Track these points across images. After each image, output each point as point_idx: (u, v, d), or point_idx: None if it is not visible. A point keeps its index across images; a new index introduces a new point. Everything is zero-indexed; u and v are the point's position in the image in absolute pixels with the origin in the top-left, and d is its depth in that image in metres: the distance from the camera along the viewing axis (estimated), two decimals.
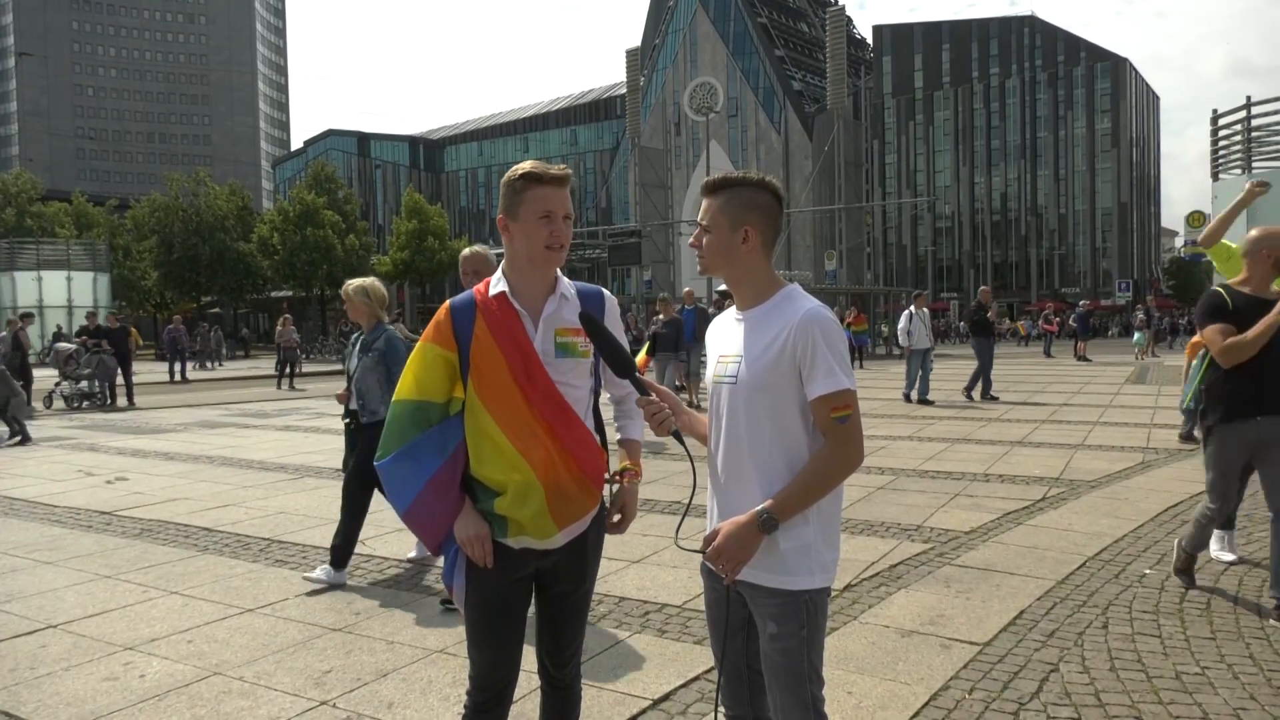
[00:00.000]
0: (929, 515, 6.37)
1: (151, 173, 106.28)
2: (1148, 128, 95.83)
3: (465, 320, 2.22)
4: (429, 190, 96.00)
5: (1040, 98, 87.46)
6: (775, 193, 2.08)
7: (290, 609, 4.59)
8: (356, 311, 5.26)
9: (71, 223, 52.23)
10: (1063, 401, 14.29)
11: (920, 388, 14.36)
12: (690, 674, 3.61)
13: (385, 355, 5.11)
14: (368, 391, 5.11)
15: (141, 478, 8.68)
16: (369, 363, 5.12)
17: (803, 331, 1.94)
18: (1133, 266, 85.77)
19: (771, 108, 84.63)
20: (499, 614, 2.24)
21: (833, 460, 1.95)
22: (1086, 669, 3.62)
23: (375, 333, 5.21)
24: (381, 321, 5.27)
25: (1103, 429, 10.83)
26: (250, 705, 3.43)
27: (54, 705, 3.45)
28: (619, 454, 2.43)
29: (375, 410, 5.05)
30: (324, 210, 49.94)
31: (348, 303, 5.28)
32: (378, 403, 5.04)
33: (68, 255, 37.41)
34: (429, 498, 2.18)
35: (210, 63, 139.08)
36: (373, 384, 5.09)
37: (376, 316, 5.25)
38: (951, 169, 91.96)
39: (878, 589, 4.70)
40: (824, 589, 2.02)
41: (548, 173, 2.20)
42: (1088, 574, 4.90)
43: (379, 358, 5.11)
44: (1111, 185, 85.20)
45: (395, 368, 4.94)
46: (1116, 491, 7.11)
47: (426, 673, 3.71)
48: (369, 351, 5.15)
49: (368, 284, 5.29)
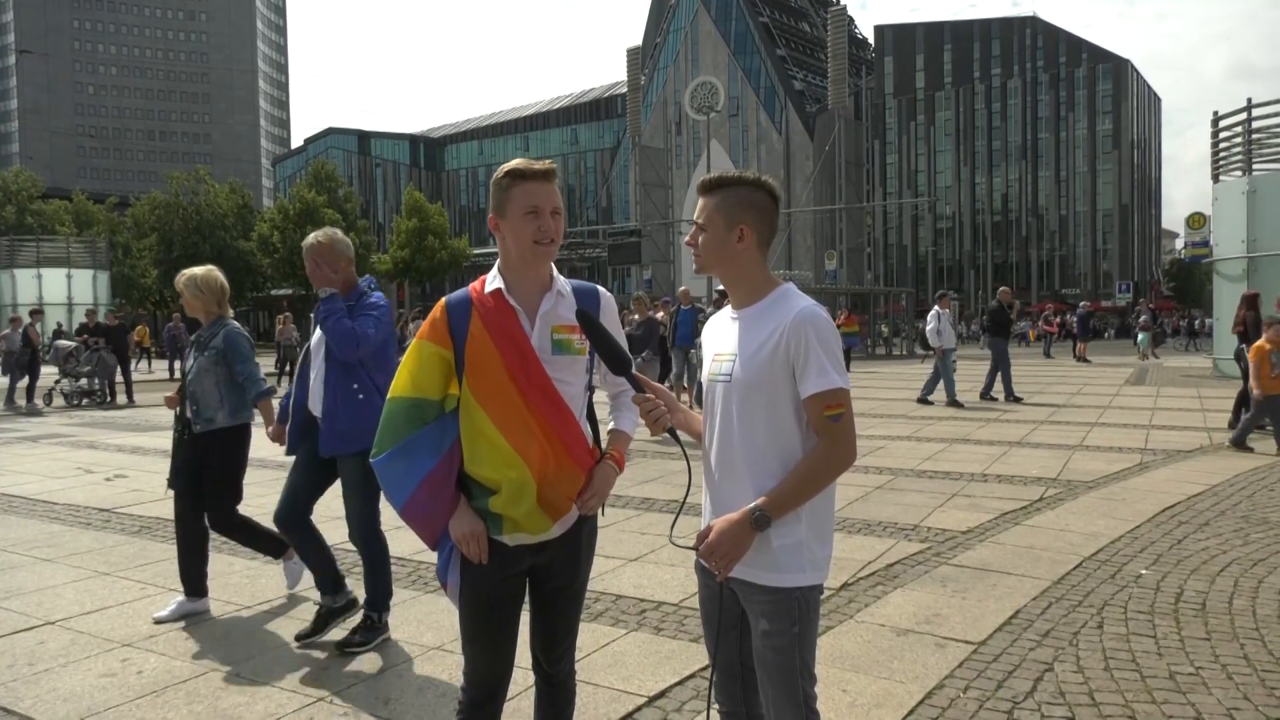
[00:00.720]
0: (926, 515, 6.38)
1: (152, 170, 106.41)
2: (1149, 129, 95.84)
3: (461, 317, 2.23)
4: (429, 189, 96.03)
5: (1042, 98, 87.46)
6: (771, 192, 2.09)
7: (288, 606, 4.60)
8: (190, 306, 4.66)
9: (72, 220, 52.29)
10: (1062, 402, 14.30)
11: (927, 388, 14.21)
12: (686, 671, 3.62)
13: (224, 354, 4.54)
14: (203, 396, 4.50)
15: (140, 475, 8.69)
16: (205, 363, 4.53)
17: (796, 330, 1.95)
18: (1133, 268, 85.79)
19: (772, 107, 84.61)
20: (493, 610, 2.25)
21: (825, 459, 1.96)
22: (1081, 669, 3.63)
23: (213, 329, 4.62)
24: (222, 316, 4.67)
25: (1101, 430, 10.84)
26: (248, 701, 3.44)
27: (52, 701, 3.47)
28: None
29: (211, 418, 4.48)
30: (324, 208, 49.98)
31: (181, 297, 4.68)
32: (214, 409, 4.50)
33: (68, 253, 37.37)
34: (424, 495, 2.19)
35: (211, 61, 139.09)
36: (209, 387, 4.50)
37: (214, 311, 4.65)
38: (952, 169, 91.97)
39: (874, 588, 4.72)
40: (816, 586, 2.03)
41: (532, 168, 2.20)
42: (1084, 574, 4.92)
43: (217, 357, 4.54)
44: (1112, 186, 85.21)
45: (238, 367, 4.52)
46: (1114, 492, 7.12)
47: (423, 669, 3.72)
48: (205, 350, 4.56)
49: (199, 275, 4.66)
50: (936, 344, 14.16)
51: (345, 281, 4.07)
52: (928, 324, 14.54)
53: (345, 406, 3.92)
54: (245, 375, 4.55)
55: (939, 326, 14.22)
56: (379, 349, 3.98)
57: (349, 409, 3.91)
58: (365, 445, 3.74)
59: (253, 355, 4.65)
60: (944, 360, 14.03)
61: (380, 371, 4.00)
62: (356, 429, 3.86)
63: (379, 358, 4.01)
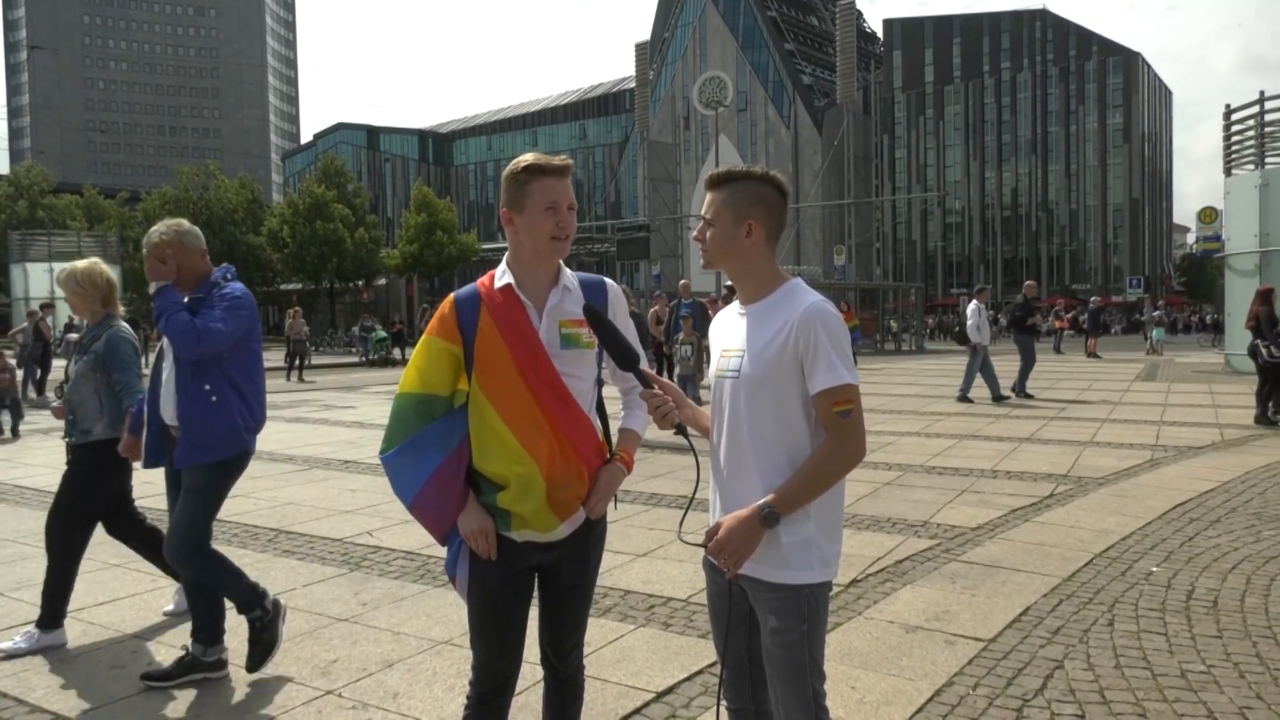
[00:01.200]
0: (935, 511, 6.36)
1: (162, 165, 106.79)
2: (1160, 122, 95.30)
3: (470, 313, 2.23)
4: (438, 184, 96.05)
5: (1051, 92, 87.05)
6: (780, 187, 2.08)
7: (298, 599, 4.61)
8: (73, 306, 4.18)
9: (83, 215, 52.58)
10: (1072, 398, 14.24)
11: (965, 385, 13.78)
12: (694, 667, 3.62)
13: (104, 359, 4.01)
14: (80, 405, 4.02)
15: None
16: (83, 368, 4.03)
17: (805, 326, 1.94)
18: (1144, 262, 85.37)
19: (781, 102, 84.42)
20: (501, 606, 2.25)
21: (834, 455, 1.95)
22: (1091, 666, 3.61)
23: (96, 330, 4.10)
24: (110, 315, 4.14)
25: (1111, 426, 10.79)
26: (256, 693, 3.45)
27: (63, 692, 3.48)
28: None
29: (88, 429, 4.01)
30: (333, 203, 50.06)
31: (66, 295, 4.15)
32: (92, 419, 4.01)
33: (79, 247, 37.58)
34: (433, 491, 2.19)
35: (220, 56, 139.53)
36: (87, 395, 4.01)
37: (99, 310, 4.12)
38: (962, 164, 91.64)
39: (883, 584, 4.70)
40: (825, 583, 2.02)
41: (551, 164, 2.20)
42: (1094, 571, 4.89)
43: (95, 362, 4.02)
44: (1123, 180, 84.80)
45: (116, 374, 3.99)
46: (1124, 489, 7.09)
47: (432, 664, 3.73)
48: (85, 354, 4.06)
49: (80, 269, 4.11)
50: (977, 339, 13.77)
51: (197, 275, 3.63)
52: (968, 319, 14.02)
53: (199, 412, 3.49)
54: (122, 384, 4.00)
55: (979, 321, 13.85)
56: (237, 344, 3.56)
57: (203, 414, 3.49)
58: (224, 454, 3.53)
59: (135, 362, 4.12)
60: (979, 356, 13.72)
61: (239, 369, 3.60)
62: (211, 437, 3.50)
63: (237, 354, 3.59)
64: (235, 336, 3.53)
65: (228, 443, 3.57)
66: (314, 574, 5.05)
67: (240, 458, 3.67)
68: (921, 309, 44.48)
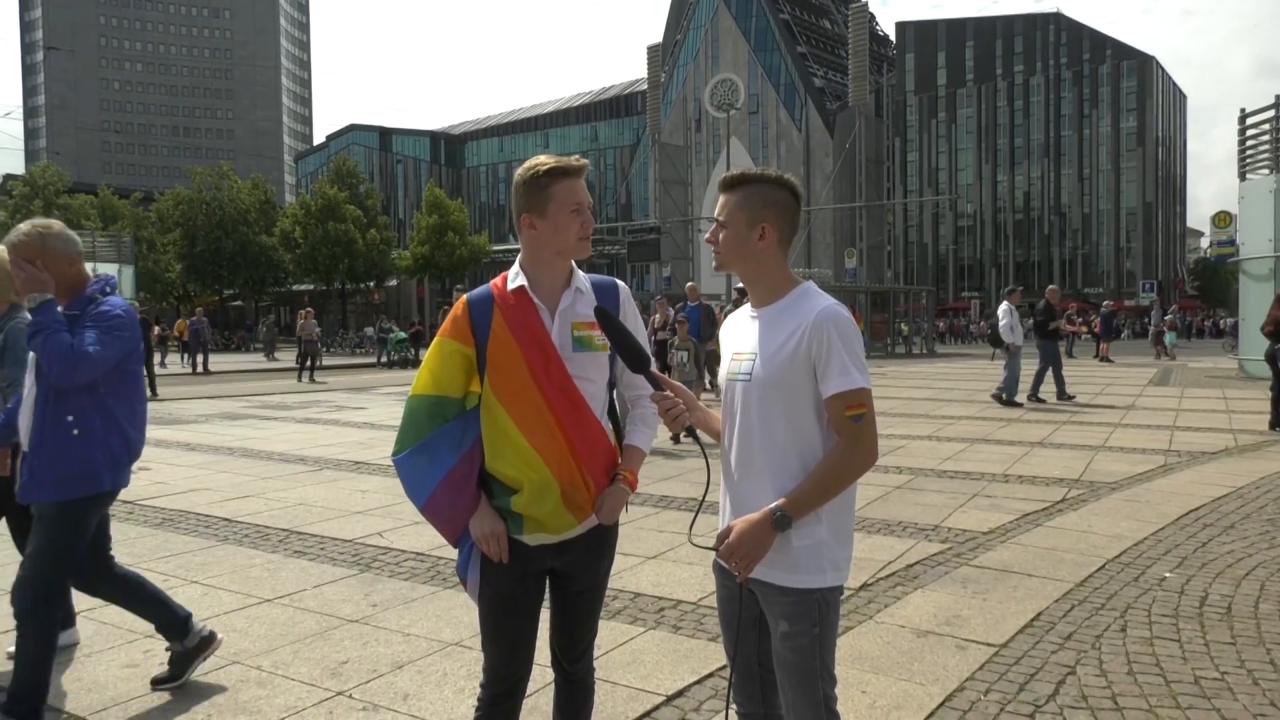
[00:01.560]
0: (947, 515, 6.34)
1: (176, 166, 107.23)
2: (1174, 127, 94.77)
3: (483, 315, 2.23)
4: (449, 185, 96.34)
5: (1065, 95, 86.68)
6: (793, 190, 2.07)
7: (308, 600, 4.63)
8: None
9: (97, 215, 52.87)
10: (1084, 402, 14.17)
11: (1008, 388, 13.58)
12: (704, 670, 3.61)
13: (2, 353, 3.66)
14: None
15: (163, 468, 8.77)
16: None
17: (818, 329, 1.93)
18: (1157, 267, 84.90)
19: (793, 104, 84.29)
20: (512, 609, 2.25)
21: (847, 459, 1.94)
22: (1104, 672, 3.59)
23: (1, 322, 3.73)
24: (15, 306, 3.69)
25: (1124, 431, 10.73)
26: (267, 694, 3.46)
27: (76, 691, 3.50)
28: None
29: None
30: (345, 204, 50.29)
31: None
32: None
33: (94, 247, 37.72)
34: (445, 493, 2.19)
35: (234, 57, 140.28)
36: None
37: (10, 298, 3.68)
38: (974, 167, 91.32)
39: (894, 589, 4.69)
40: (836, 587, 2.01)
41: (571, 165, 2.21)
42: (1107, 576, 4.87)
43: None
44: (1136, 185, 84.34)
45: (10, 370, 3.62)
46: (1137, 494, 7.04)
47: (442, 665, 3.73)
48: None
49: None
50: (1011, 339, 13.68)
51: (71, 285, 3.21)
52: (1000, 320, 13.99)
53: (52, 443, 3.11)
54: (10, 380, 3.64)
55: (1012, 322, 13.80)
56: (115, 367, 3.18)
57: (57, 447, 3.11)
58: (74, 495, 3.11)
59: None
60: (1015, 357, 13.62)
61: (117, 396, 3.22)
62: (61, 474, 3.11)
63: (115, 378, 3.21)
64: (113, 361, 3.14)
65: (80, 483, 3.17)
66: (325, 575, 5.07)
67: (96, 499, 3.25)
68: (933, 312, 44.30)
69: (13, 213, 50.78)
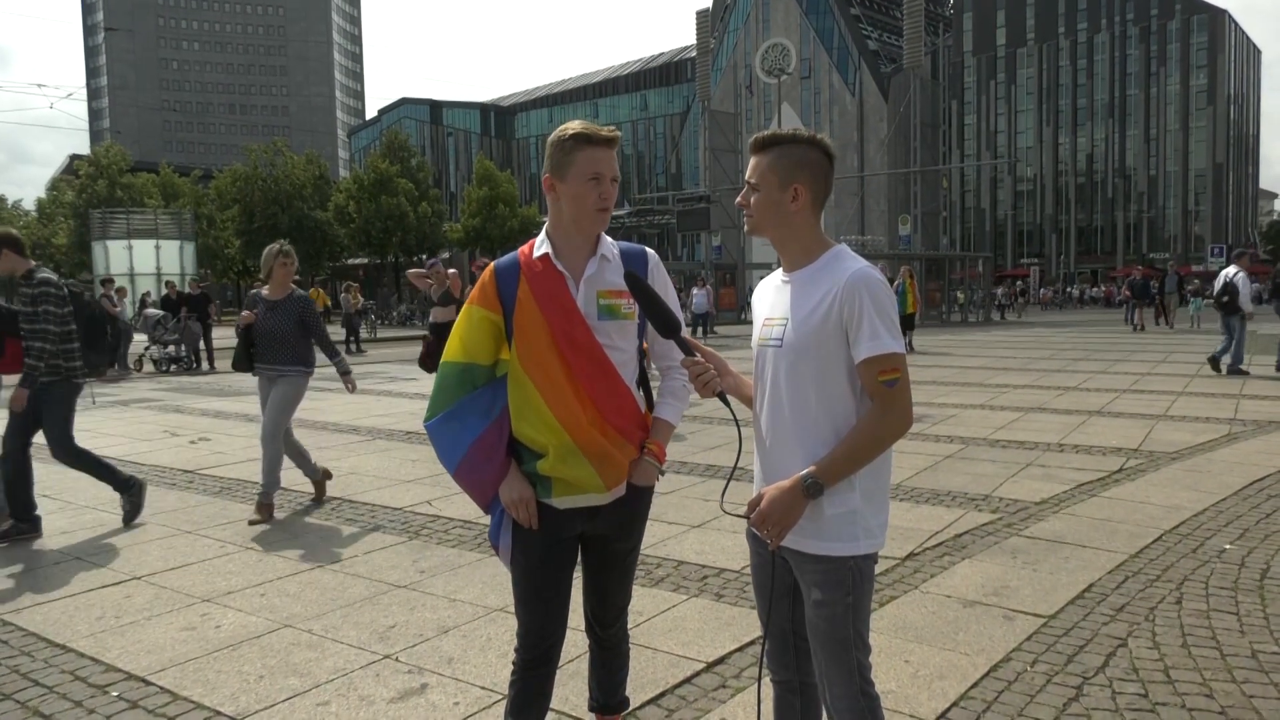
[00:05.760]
0: (998, 485, 6.23)
1: (233, 143, 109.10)
2: (1247, 83, 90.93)
3: (509, 282, 2.22)
4: (500, 157, 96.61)
5: (1131, 53, 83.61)
6: (826, 151, 2.02)
7: (359, 566, 4.72)
8: None
9: (159, 193, 54.09)
10: (1146, 370, 13.77)
11: (1236, 353, 13.09)
12: (745, 638, 3.61)
13: None
14: None
15: (222, 438, 9.01)
16: None
17: (850, 292, 1.89)
18: (1227, 231, 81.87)
19: (846, 69, 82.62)
20: (543, 574, 2.26)
21: (880, 424, 1.90)
22: (1157, 644, 3.50)
23: None
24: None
25: (1187, 399, 10.42)
26: (317, 657, 3.55)
27: (136, 652, 3.63)
28: None
29: None
30: (398, 178, 50.73)
31: None
32: None
33: (155, 225, 38.72)
34: (476, 458, 2.20)
35: (287, 34, 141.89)
36: None
37: None
38: (1034, 129, 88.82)
39: (941, 558, 4.62)
40: (870, 555, 1.98)
41: (598, 134, 2.17)
42: (1163, 548, 4.74)
43: None
44: (1206, 145, 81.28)
45: None
46: (1198, 464, 6.84)
47: (486, 630, 3.78)
48: None
49: None
50: (1249, 307, 13.07)
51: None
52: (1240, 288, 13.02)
53: None
54: None
55: (1248, 290, 13.12)
56: None
57: None
58: None
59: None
60: (1244, 324, 13.06)
61: None
62: None
63: None
64: None
65: None
66: (374, 542, 5.17)
67: None
68: (989, 280, 43.28)
69: (79, 192, 52.28)
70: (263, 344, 5.90)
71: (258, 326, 5.89)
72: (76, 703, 3.19)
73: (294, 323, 5.91)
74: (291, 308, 5.94)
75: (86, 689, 3.31)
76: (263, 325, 5.87)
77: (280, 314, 5.91)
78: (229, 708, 3.12)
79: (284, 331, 5.87)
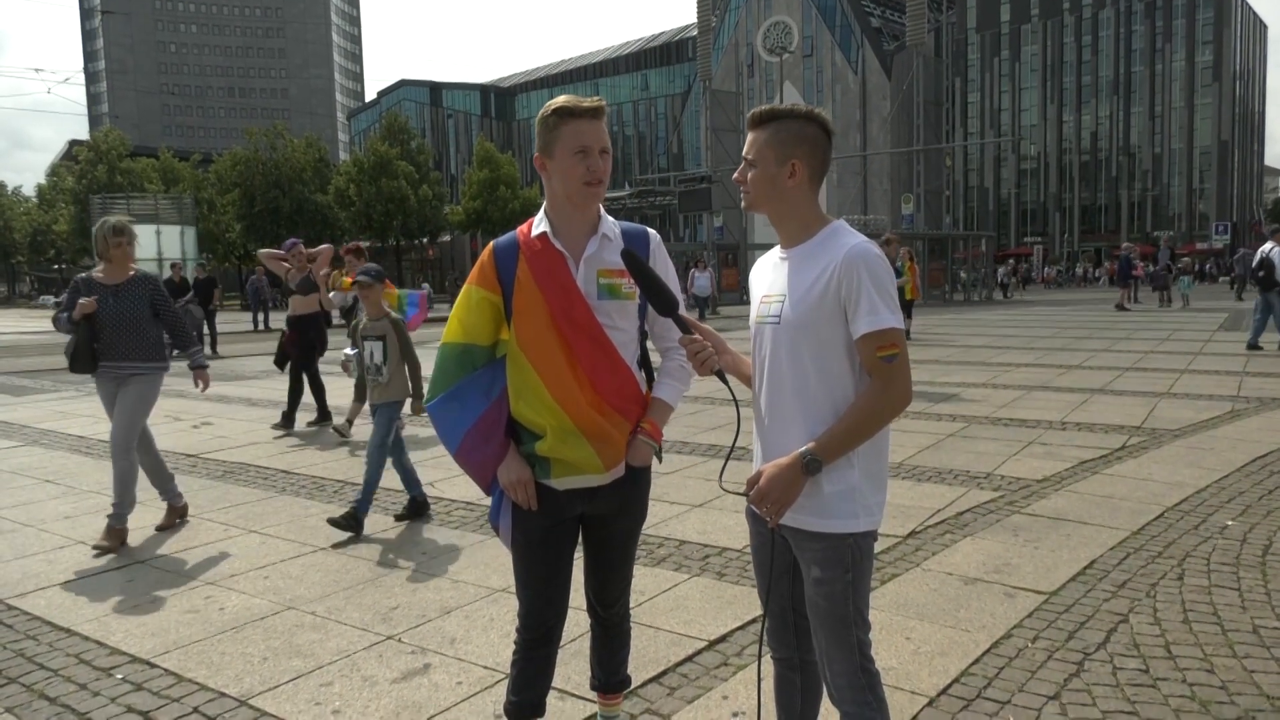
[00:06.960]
0: (1000, 463, 6.23)
1: (233, 127, 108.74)
2: (1253, 59, 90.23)
3: (508, 262, 2.21)
4: (500, 139, 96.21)
5: (1136, 29, 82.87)
6: (824, 125, 2.00)
7: (361, 548, 4.74)
8: None
9: (159, 177, 53.99)
10: (1149, 348, 13.74)
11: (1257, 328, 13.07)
12: (747, 616, 3.62)
13: None
14: None
15: (225, 422, 9.02)
16: None
17: (848, 268, 1.87)
18: (1232, 208, 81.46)
19: (848, 46, 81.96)
20: (543, 555, 2.26)
21: (879, 400, 1.89)
22: (1158, 620, 3.51)
23: None
24: None
25: (1190, 377, 10.39)
26: (321, 638, 3.56)
27: (140, 635, 3.65)
28: None
29: None
30: (398, 161, 50.58)
31: None
32: None
33: (156, 210, 38.68)
34: (475, 439, 2.20)
35: (285, 16, 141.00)
36: None
37: None
38: (1038, 107, 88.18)
39: (942, 536, 4.63)
40: (869, 533, 1.98)
41: (580, 106, 2.13)
42: (1165, 524, 4.74)
43: None
44: (1211, 122, 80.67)
45: None
46: (1201, 441, 6.83)
47: (489, 610, 3.80)
48: None
49: None
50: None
51: None
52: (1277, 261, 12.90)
53: None
54: None
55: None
56: None
57: None
58: None
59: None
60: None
61: None
62: None
63: None
64: None
65: None
66: (377, 524, 5.18)
67: None
68: (992, 259, 43.16)
69: (79, 177, 52.21)
70: (108, 337, 4.98)
71: (100, 317, 4.97)
72: (81, 685, 3.21)
73: (145, 309, 5.08)
74: (139, 291, 5.08)
75: (91, 672, 3.32)
76: (106, 314, 4.97)
77: (126, 300, 5.03)
78: (233, 689, 3.14)
79: (134, 320, 5.03)
